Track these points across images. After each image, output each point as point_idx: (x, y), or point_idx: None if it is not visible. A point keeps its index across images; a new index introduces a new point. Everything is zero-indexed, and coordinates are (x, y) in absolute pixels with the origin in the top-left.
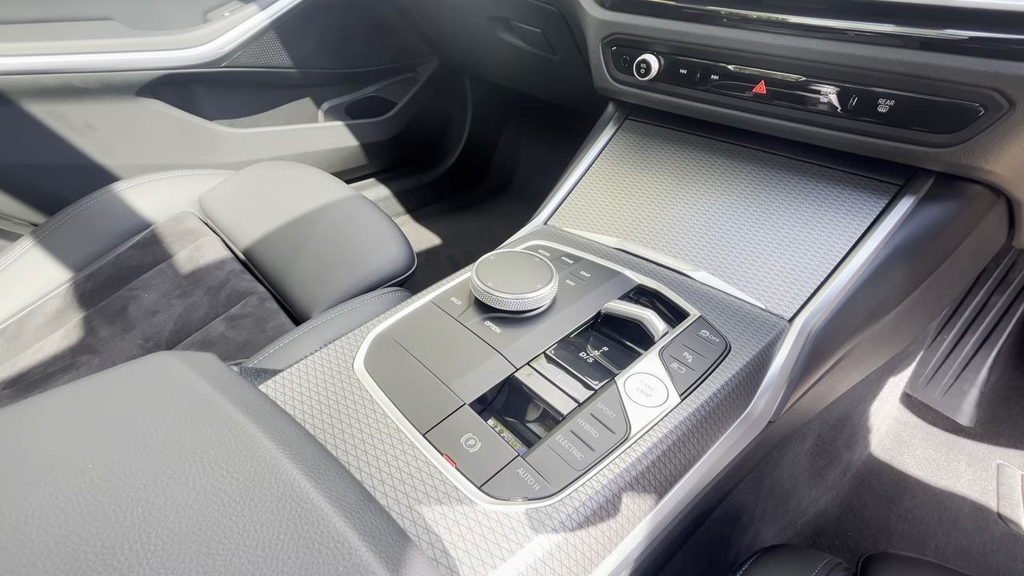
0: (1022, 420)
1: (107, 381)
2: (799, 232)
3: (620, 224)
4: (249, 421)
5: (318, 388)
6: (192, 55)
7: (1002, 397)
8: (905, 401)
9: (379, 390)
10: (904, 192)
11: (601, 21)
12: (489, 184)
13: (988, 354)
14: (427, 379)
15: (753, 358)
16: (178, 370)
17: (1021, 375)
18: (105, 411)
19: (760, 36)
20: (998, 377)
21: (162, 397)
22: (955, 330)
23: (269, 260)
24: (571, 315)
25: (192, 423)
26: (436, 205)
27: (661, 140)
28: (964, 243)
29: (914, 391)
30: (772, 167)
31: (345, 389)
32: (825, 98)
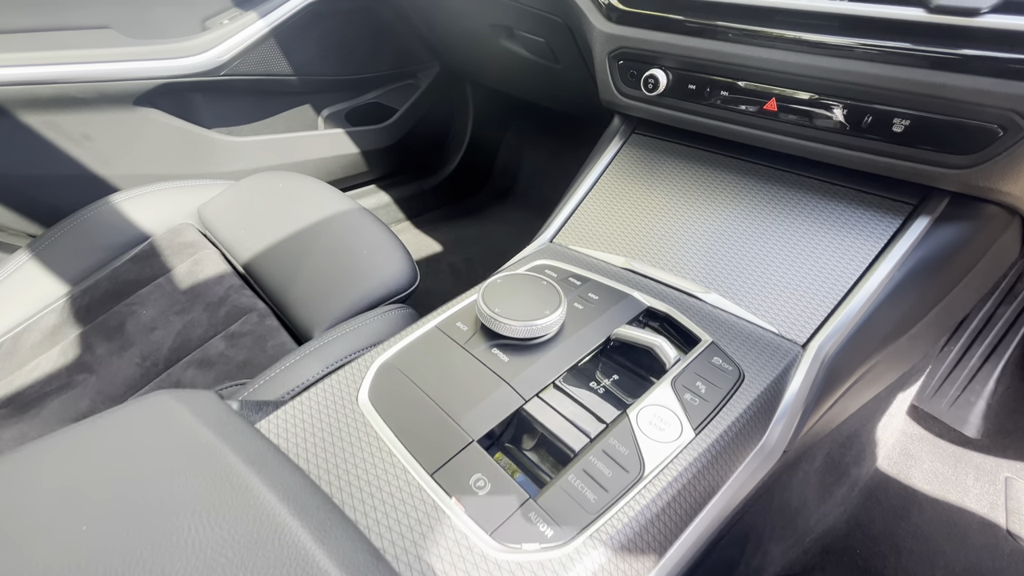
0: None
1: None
2: (811, 252)
3: (628, 242)
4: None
5: (321, 423)
6: (191, 64)
7: (1009, 409)
8: (912, 413)
9: (384, 425)
10: (918, 212)
11: (608, 35)
12: (491, 190)
13: (995, 365)
14: (434, 413)
15: (767, 387)
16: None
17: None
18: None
19: (771, 53)
20: (1005, 388)
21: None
22: (961, 341)
23: (269, 275)
24: (580, 341)
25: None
26: (437, 211)
27: (669, 155)
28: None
29: (921, 403)
30: (782, 184)
31: (349, 425)
32: (838, 116)
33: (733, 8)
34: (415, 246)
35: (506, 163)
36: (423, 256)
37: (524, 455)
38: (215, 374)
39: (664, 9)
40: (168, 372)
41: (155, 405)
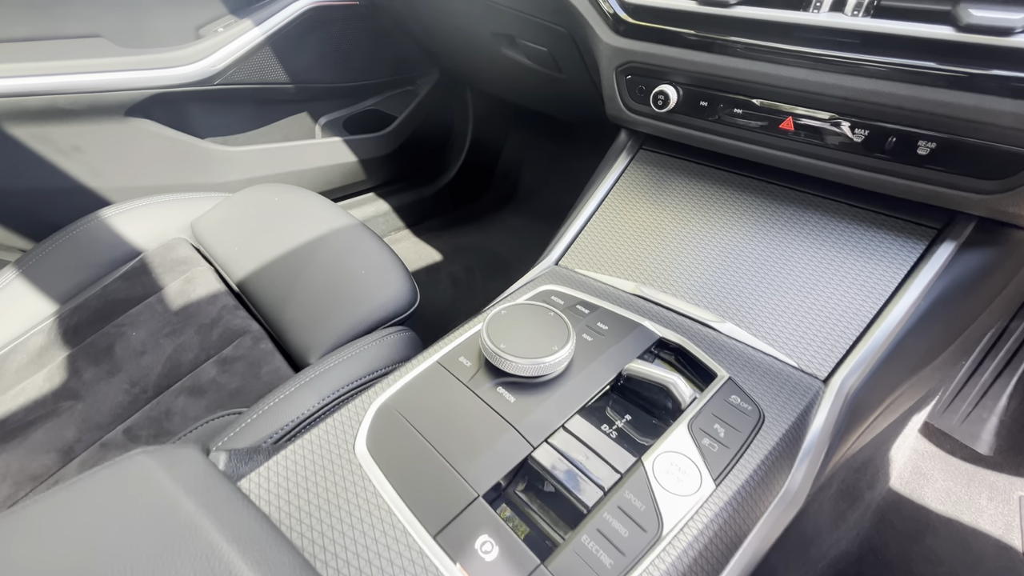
0: None
1: (76, 500)
2: (830, 279)
3: (637, 266)
4: (238, 556)
5: (316, 478)
6: (184, 73)
7: (1021, 425)
8: (924, 430)
9: (383, 479)
10: (943, 237)
11: (615, 48)
12: (491, 196)
13: (1008, 381)
14: (436, 463)
15: (789, 428)
16: (157, 482)
17: None
18: (71, 547)
19: (789, 71)
20: (1018, 404)
21: (139, 524)
22: (973, 356)
23: (264, 294)
24: (590, 377)
25: (173, 561)
26: (437, 219)
27: (678, 173)
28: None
29: (932, 419)
30: (798, 205)
31: (346, 479)
32: (859, 137)
33: (749, 23)
34: (414, 255)
35: (507, 169)
36: (423, 265)
37: (532, 509)
38: (207, 402)
39: (675, 23)
40: (158, 400)
41: (134, 471)
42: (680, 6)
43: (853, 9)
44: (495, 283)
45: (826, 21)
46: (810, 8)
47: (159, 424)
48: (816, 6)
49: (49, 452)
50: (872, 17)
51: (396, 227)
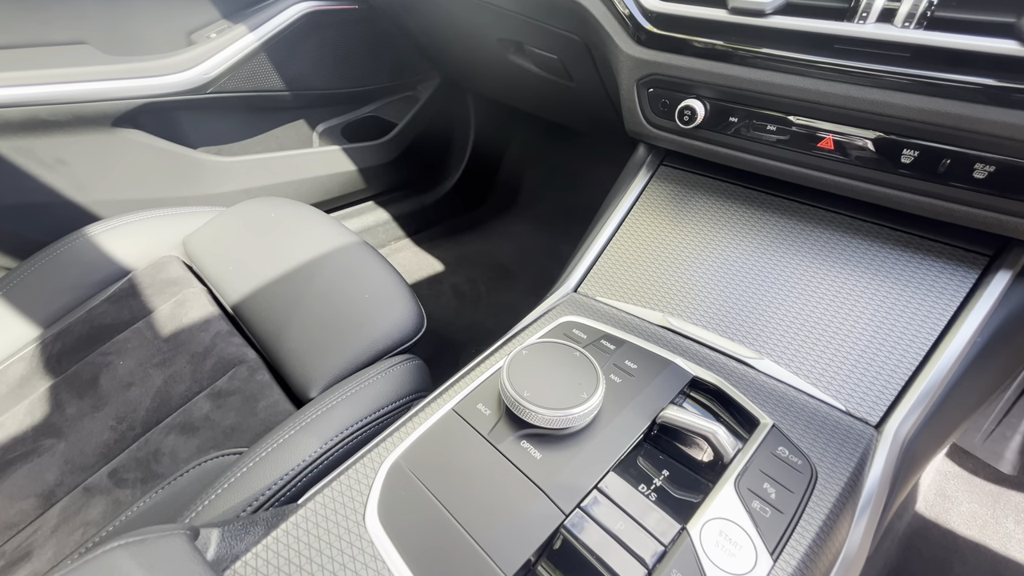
0: None
1: None
2: (875, 311)
3: (663, 293)
4: None
5: (321, 558)
6: (175, 81)
7: None
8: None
9: (399, 558)
10: (997, 265)
11: (637, 60)
12: (493, 203)
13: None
14: (457, 538)
15: (845, 485)
16: None
17: None
18: None
19: (831, 86)
20: None
21: None
22: None
23: (261, 319)
24: (622, 427)
25: None
26: (438, 227)
27: (704, 192)
28: None
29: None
30: (835, 228)
31: (356, 559)
32: (908, 159)
33: (787, 34)
34: (416, 265)
35: (508, 175)
36: (425, 276)
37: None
38: (199, 441)
39: (703, 33)
40: (146, 438)
41: (107, 572)
42: (709, 15)
43: (904, 20)
44: (499, 295)
45: (874, 33)
46: (855, 19)
47: (147, 466)
48: (863, 16)
49: (28, 497)
50: (925, 29)
51: (397, 236)
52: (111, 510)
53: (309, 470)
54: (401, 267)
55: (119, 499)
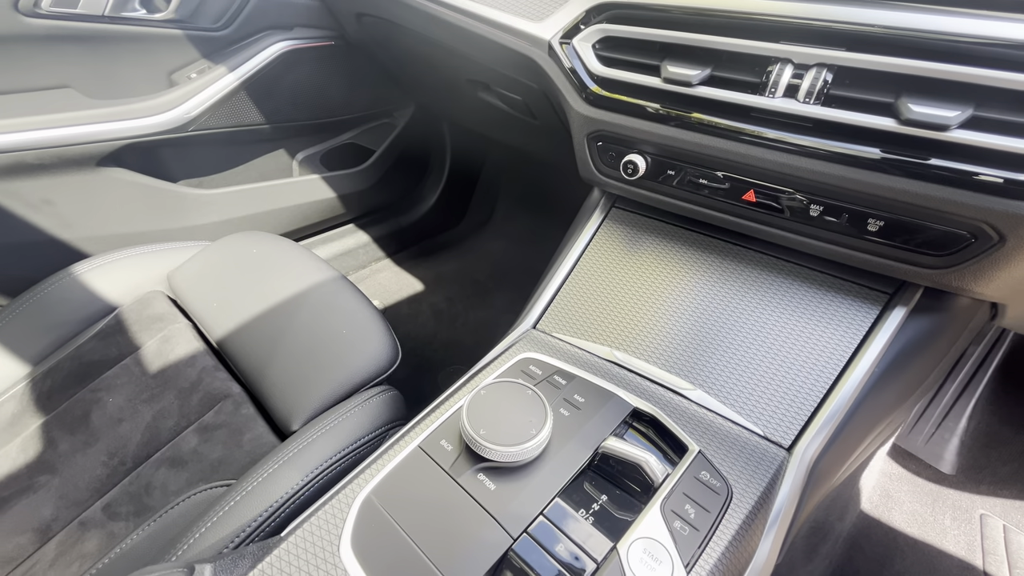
0: (1001, 466)
1: None
2: (793, 343)
3: (611, 329)
4: None
5: None
6: (157, 122)
7: (981, 444)
8: (891, 451)
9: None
10: (895, 303)
11: (586, 117)
12: (470, 221)
13: (967, 402)
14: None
15: (756, 503)
16: None
17: (999, 422)
18: None
19: (749, 149)
20: (977, 424)
21: None
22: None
23: (245, 354)
24: (568, 458)
25: None
26: (416, 247)
27: (649, 233)
28: (957, 341)
29: (899, 440)
30: (763, 268)
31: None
32: (815, 212)
33: (710, 103)
34: (395, 285)
35: (484, 194)
36: (404, 297)
37: None
38: (188, 474)
39: (641, 97)
40: (137, 472)
41: None
42: (646, 82)
43: (805, 96)
44: (476, 312)
45: (780, 106)
46: (766, 92)
47: (139, 500)
48: (772, 91)
49: (25, 532)
50: (823, 105)
51: (376, 257)
52: (106, 543)
53: (291, 502)
54: (380, 288)
55: (113, 532)
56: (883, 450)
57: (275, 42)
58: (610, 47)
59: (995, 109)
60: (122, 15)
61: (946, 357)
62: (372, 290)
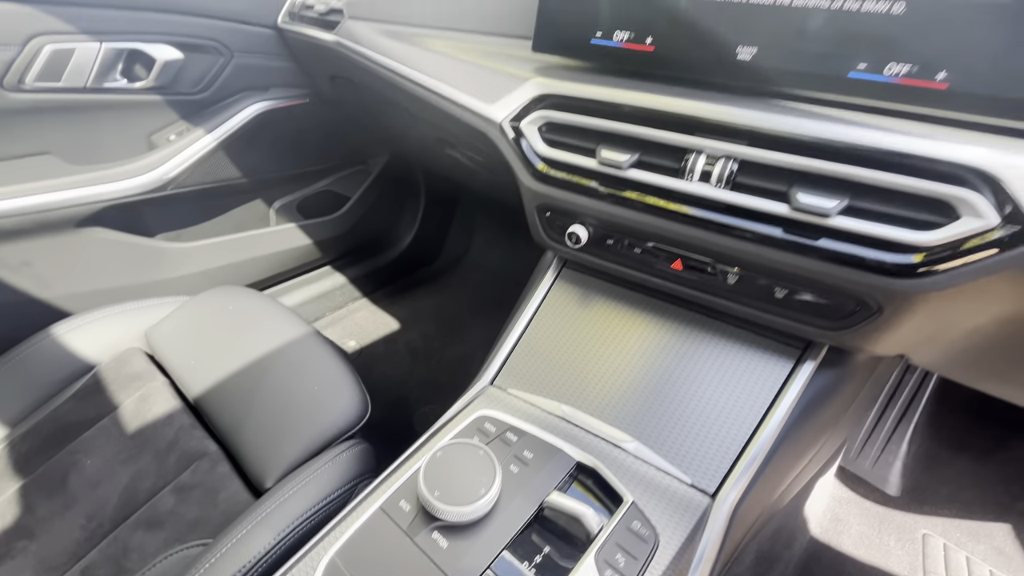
0: (941, 487)
1: None
2: (720, 396)
3: (561, 385)
4: None
5: None
6: (136, 183)
7: (923, 466)
8: (840, 474)
9: None
10: (805, 357)
11: (534, 191)
12: (447, 256)
13: (908, 426)
14: None
15: (680, 549)
16: None
17: (937, 444)
18: None
19: (673, 225)
20: (918, 447)
21: None
22: (877, 404)
23: (221, 412)
24: (515, 513)
25: None
26: (393, 285)
27: (597, 292)
28: (866, 384)
29: (847, 463)
30: (697, 327)
31: None
32: (732, 280)
33: (638, 184)
34: (372, 325)
35: (461, 230)
36: (380, 336)
37: None
38: (165, 535)
39: (580, 176)
40: (115, 535)
41: None
42: (584, 164)
43: (716, 181)
44: (452, 349)
45: (696, 190)
46: (685, 176)
47: (117, 562)
48: (689, 176)
49: None
50: (731, 190)
51: (353, 297)
52: None
53: (264, 561)
54: (357, 328)
55: None
56: (831, 475)
57: (252, 103)
58: (553, 130)
59: (866, 200)
60: (104, 86)
61: (858, 398)
62: (349, 330)
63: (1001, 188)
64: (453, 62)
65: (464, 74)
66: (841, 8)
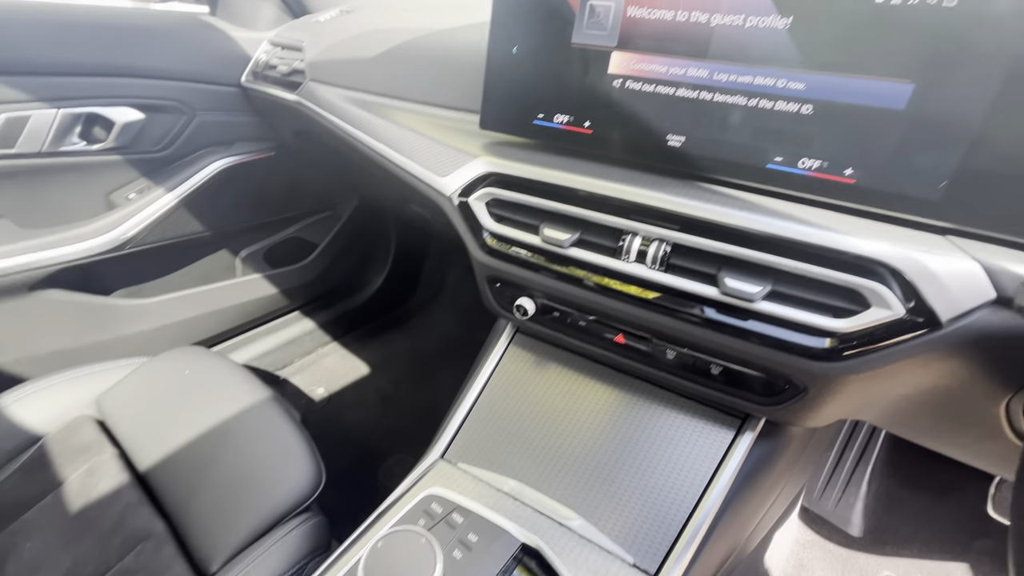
0: (901, 527)
1: None
2: (663, 470)
3: (511, 458)
4: None
5: None
6: (93, 245)
7: (883, 506)
8: (803, 516)
9: None
10: (744, 428)
11: (482, 263)
12: (419, 297)
13: (866, 466)
14: None
15: None
16: None
17: (896, 483)
18: None
19: (613, 302)
20: (877, 486)
21: None
22: (837, 445)
23: (171, 487)
24: None
25: None
26: (364, 328)
27: (549, 359)
28: (808, 447)
29: (810, 504)
30: (644, 396)
31: None
32: (671, 355)
33: (579, 262)
34: (341, 370)
35: (433, 270)
36: (350, 382)
37: None
38: None
39: (527, 252)
40: None
41: None
42: (529, 240)
43: (651, 262)
44: (421, 394)
45: (632, 270)
46: (622, 256)
47: None
48: (626, 256)
49: None
50: (665, 271)
51: (323, 342)
52: None
53: None
54: (327, 374)
55: None
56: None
57: (216, 158)
58: (500, 206)
59: (790, 286)
60: (60, 149)
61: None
62: (318, 376)
63: (905, 281)
64: (409, 132)
65: (419, 145)
66: (757, 105)
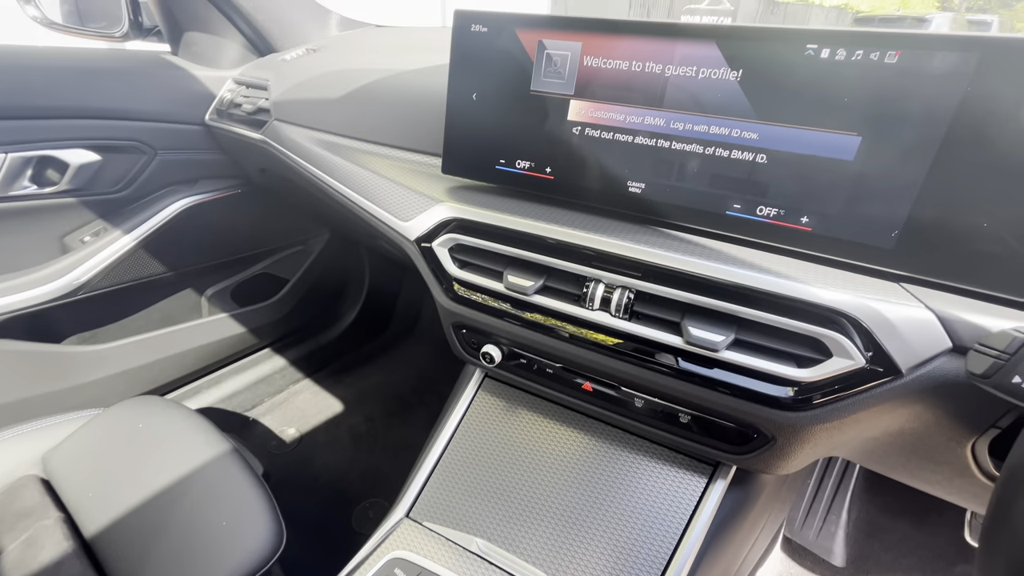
0: (883, 554)
1: None
2: (636, 521)
3: (479, 514)
4: None
5: None
6: (43, 292)
7: (864, 533)
8: (786, 547)
9: None
10: (716, 475)
11: (447, 310)
12: (393, 331)
13: (845, 494)
14: None
15: None
16: None
17: (876, 510)
18: None
19: (577, 350)
20: (858, 515)
21: None
22: (815, 474)
23: (119, 555)
24: None
25: None
26: (337, 363)
27: (518, 405)
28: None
29: (792, 534)
30: (616, 444)
31: None
32: (639, 404)
33: (543, 309)
34: (313, 409)
35: (407, 303)
36: (322, 421)
37: None
38: None
39: (491, 299)
40: None
41: None
42: (492, 287)
43: (615, 310)
44: (396, 432)
45: (596, 318)
46: (586, 304)
47: None
48: (590, 304)
49: None
50: (628, 319)
51: (295, 379)
52: None
53: None
54: (298, 412)
55: None
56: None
57: (179, 198)
58: (463, 252)
59: (754, 335)
60: (9, 194)
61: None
62: (289, 416)
63: (865, 331)
64: (372, 175)
65: (382, 188)
66: (713, 154)
